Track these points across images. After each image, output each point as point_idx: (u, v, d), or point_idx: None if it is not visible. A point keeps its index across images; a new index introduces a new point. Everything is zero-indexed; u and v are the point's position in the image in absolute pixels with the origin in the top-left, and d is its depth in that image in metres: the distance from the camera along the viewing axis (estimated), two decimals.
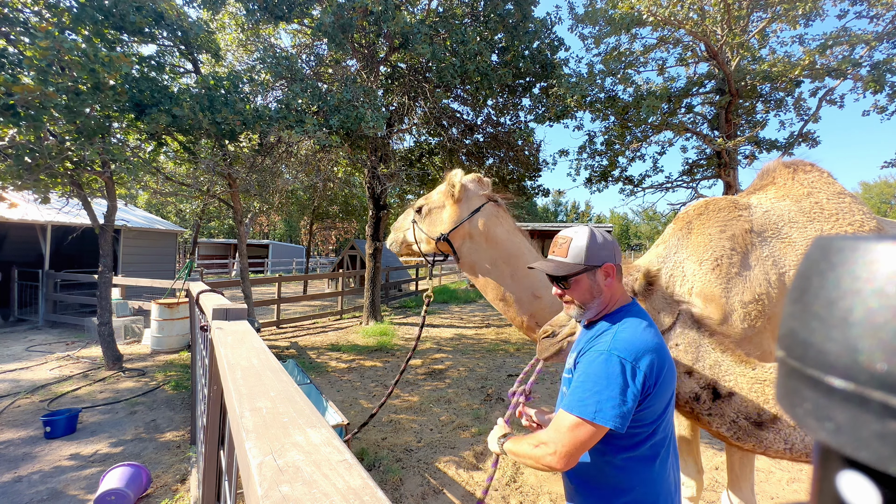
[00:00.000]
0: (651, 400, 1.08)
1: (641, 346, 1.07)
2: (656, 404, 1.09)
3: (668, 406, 1.14)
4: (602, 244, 1.19)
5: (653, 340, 1.10)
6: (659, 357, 1.08)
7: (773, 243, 1.74)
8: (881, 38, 8.17)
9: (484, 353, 7.01)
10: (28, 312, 8.92)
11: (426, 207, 2.11)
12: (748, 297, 1.68)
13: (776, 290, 1.66)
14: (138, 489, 2.90)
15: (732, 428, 1.42)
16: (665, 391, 1.11)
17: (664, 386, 1.10)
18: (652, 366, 1.06)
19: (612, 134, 10.47)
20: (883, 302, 0.16)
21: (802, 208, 1.77)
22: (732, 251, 1.69)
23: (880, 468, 0.16)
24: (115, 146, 4.81)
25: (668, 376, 1.11)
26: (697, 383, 1.43)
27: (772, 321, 1.68)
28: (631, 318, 1.15)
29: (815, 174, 1.88)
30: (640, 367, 1.05)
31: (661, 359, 1.09)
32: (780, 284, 1.68)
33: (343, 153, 9.03)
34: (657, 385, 1.07)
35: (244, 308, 1.49)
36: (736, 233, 1.74)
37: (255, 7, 6.13)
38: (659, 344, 1.11)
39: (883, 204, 44.00)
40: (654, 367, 1.06)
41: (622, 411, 1.02)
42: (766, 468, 3.42)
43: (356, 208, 16.12)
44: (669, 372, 1.11)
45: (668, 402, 1.14)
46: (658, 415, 1.11)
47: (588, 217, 62.24)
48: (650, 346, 1.08)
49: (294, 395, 0.72)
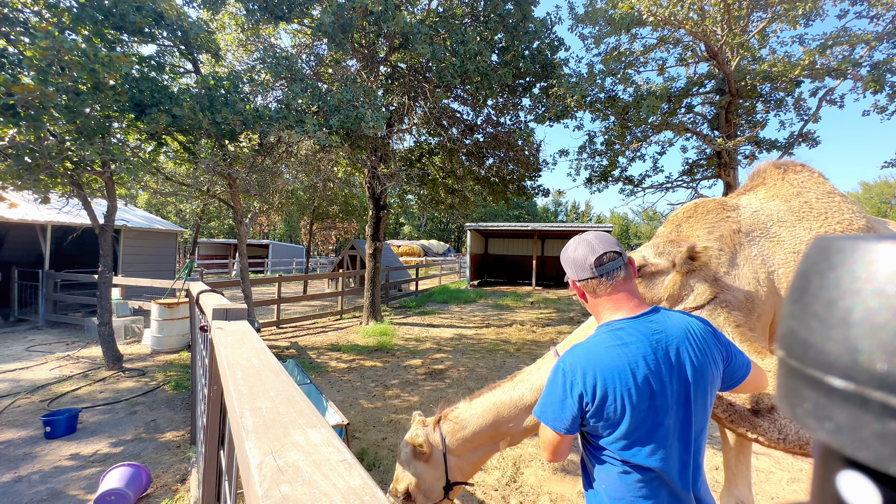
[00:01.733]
0: (600, 416, 1.03)
1: (585, 363, 1.05)
2: (612, 424, 1.03)
3: (641, 434, 1.03)
4: (566, 258, 1.20)
5: (605, 363, 1.03)
6: (604, 380, 1.02)
7: (762, 242, 1.76)
8: (881, 38, 8.16)
9: (484, 354, 7.01)
10: (28, 312, 8.92)
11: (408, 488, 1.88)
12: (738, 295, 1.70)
13: (765, 288, 1.69)
14: (138, 489, 2.90)
15: (728, 411, 1.46)
16: (622, 413, 1.01)
17: (615, 410, 1.02)
18: (593, 384, 1.02)
19: (612, 134, 10.46)
20: (883, 302, 0.17)
21: (792, 208, 1.79)
22: (720, 251, 1.71)
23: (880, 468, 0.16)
24: (115, 146, 4.81)
25: (623, 404, 1.01)
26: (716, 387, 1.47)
27: (760, 318, 1.71)
28: (607, 333, 1.10)
29: (806, 174, 1.89)
30: (577, 382, 1.04)
31: (609, 382, 1.02)
32: (769, 283, 1.70)
33: (343, 153, 9.03)
34: (600, 405, 1.02)
35: (244, 308, 1.49)
36: (724, 233, 1.76)
37: (255, 7, 6.12)
38: (613, 368, 1.02)
39: (883, 204, 43.98)
40: (597, 386, 1.02)
41: (560, 417, 1.06)
42: (766, 468, 3.43)
43: (356, 208, 16.12)
44: (624, 399, 1.01)
45: (639, 430, 1.02)
46: (623, 434, 1.03)
47: (588, 217, 62.26)
48: (595, 365, 1.03)
49: (294, 395, 0.72)
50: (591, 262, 1.13)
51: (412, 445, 1.78)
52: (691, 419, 1.06)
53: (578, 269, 1.16)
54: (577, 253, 1.16)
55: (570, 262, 1.18)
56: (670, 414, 1.04)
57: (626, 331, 1.08)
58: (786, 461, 3.55)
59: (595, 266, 1.13)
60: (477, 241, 19.97)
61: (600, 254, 1.13)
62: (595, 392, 1.02)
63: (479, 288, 17.28)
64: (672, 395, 1.04)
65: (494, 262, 21.40)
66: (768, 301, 1.68)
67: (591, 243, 1.15)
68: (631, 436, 1.03)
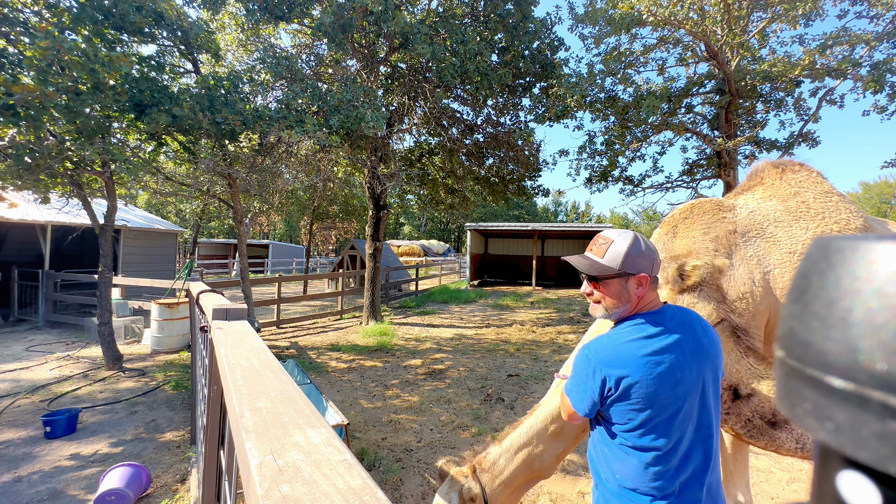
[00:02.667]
0: (622, 403, 1.10)
1: (611, 354, 1.11)
2: (634, 410, 1.09)
3: (660, 420, 1.09)
4: (642, 254, 1.17)
5: (631, 353, 1.09)
6: (628, 370, 1.07)
7: (758, 243, 1.76)
8: (881, 38, 8.17)
9: (484, 353, 7.01)
10: (28, 312, 8.93)
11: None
12: (733, 296, 1.72)
13: (760, 288, 1.69)
14: (138, 489, 2.90)
15: (747, 426, 1.47)
16: (643, 404, 1.08)
17: (638, 399, 1.07)
18: (617, 374, 1.08)
19: (612, 134, 10.47)
20: (883, 302, 0.17)
21: (789, 207, 1.79)
22: (716, 252, 1.71)
23: (880, 468, 0.16)
24: (115, 146, 4.81)
25: (646, 392, 1.07)
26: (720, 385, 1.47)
27: (756, 318, 1.71)
28: (631, 327, 1.15)
29: (804, 174, 1.89)
30: (600, 371, 1.11)
31: (633, 373, 1.07)
32: (764, 283, 1.70)
33: (343, 153, 9.04)
34: (623, 395, 1.08)
35: (244, 308, 1.49)
36: (719, 234, 1.76)
37: (255, 7, 6.13)
38: (639, 359, 1.08)
39: (883, 204, 43.96)
40: (618, 377, 1.08)
41: (582, 399, 1.15)
42: (767, 468, 3.43)
43: (356, 208, 16.12)
44: (648, 388, 1.07)
45: (659, 416, 1.08)
46: (644, 421, 1.09)
47: (588, 217, 62.26)
48: (621, 357, 1.10)
49: (294, 395, 0.72)
50: (658, 261, 1.19)
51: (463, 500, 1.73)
52: (709, 406, 1.14)
53: (657, 265, 1.20)
54: (650, 249, 1.19)
55: (650, 256, 1.18)
56: (689, 400, 1.10)
57: (648, 324, 1.14)
58: (786, 461, 3.55)
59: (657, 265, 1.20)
60: (477, 241, 19.96)
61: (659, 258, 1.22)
62: (619, 380, 1.08)
63: (479, 288, 17.29)
64: (691, 382, 1.10)
65: (494, 262, 21.39)
66: (763, 301, 1.69)
67: (651, 246, 1.20)
68: (651, 422, 1.08)
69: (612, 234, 1.20)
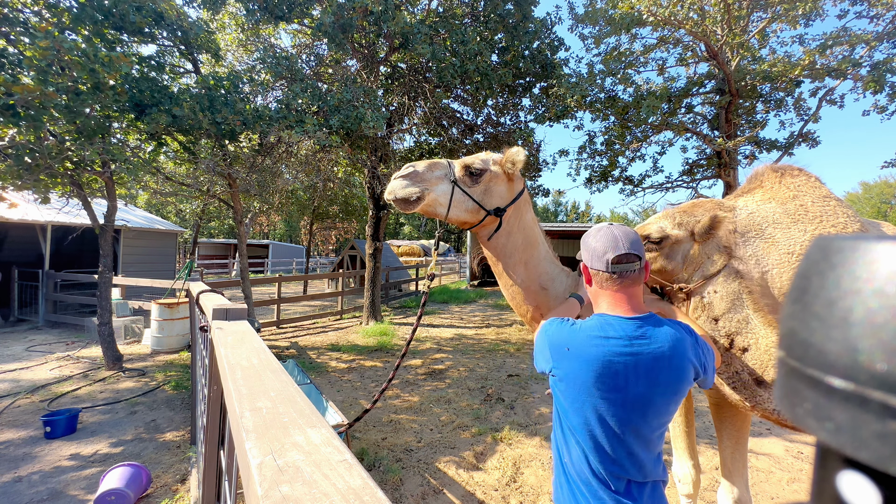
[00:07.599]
0: (562, 387, 1.15)
1: (567, 338, 1.15)
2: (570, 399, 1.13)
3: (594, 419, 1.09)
4: (587, 243, 1.22)
5: (586, 345, 1.11)
6: (580, 359, 1.11)
7: (757, 243, 1.79)
8: (881, 38, 8.17)
9: (484, 354, 7.01)
10: (28, 312, 8.92)
11: (486, 175, 1.82)
12: None
13: (758, 287, 1.70)
14: (138, 489, 2.90)
15: (734, 378, 1.54)
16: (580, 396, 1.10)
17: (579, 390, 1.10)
18: (565, 361, 1.14)
19: (612, 134, 10.47)
20: (883, 302, 0.17)
21: (787, 210, 1.82)
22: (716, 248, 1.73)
23: (880, 468, 0.16)
24: (115, 146, 4.81)
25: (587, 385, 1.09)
26: (718, 332, 1.55)
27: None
28: (591, 322, 1.16)
29: (803, 178, 1.92)
30: (552, 350, 1.18)
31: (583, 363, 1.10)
32: (763, 282, 1.72)
33: (343, 153, 9.03)
34: (566, 380, 1.14)
35: (244, 308, 1.49)
36: (720, 232, 1.78)
37: (255, 7, 6.12)
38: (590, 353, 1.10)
39: (883, 204, 43.93)
40: (566, 362, 1.13)
41: (538, 367, 1.24)
42: (767, 468, 3.43)
43: (356, 208, 16.11)
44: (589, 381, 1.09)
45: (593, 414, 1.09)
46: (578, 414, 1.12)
47: (588, 217, 62.26)
48: (575, 344, 1.13)
49: (294, 395, 0.72)
50: (609, 258, 1.14)
51: (518, 161, 1.84)
52: (649, 419, 1.10)
53: (594, 258, 1.18)
54: (598, 243, 1.17)
55: (588, 248, 1.20)
56: (626, 410, 1.08)
57: (614, 327, 1.12)
58: (786, 461, 3.55)
59: (611, 263, 1.13)
60: (477, 241, 19.95)
61: (620, 254, 1.13)
62: (563, 368, 1.13)
63: (479, 288, 17.29)
64: (632, 396, 1.08)
65: None
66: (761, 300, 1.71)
67: (615, 239, 1.15)
68: (585, 419, 1.11)
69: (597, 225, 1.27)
